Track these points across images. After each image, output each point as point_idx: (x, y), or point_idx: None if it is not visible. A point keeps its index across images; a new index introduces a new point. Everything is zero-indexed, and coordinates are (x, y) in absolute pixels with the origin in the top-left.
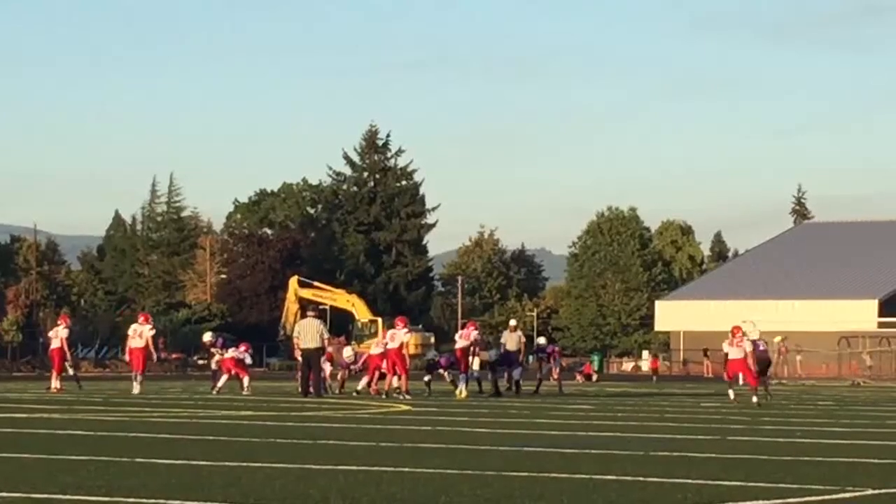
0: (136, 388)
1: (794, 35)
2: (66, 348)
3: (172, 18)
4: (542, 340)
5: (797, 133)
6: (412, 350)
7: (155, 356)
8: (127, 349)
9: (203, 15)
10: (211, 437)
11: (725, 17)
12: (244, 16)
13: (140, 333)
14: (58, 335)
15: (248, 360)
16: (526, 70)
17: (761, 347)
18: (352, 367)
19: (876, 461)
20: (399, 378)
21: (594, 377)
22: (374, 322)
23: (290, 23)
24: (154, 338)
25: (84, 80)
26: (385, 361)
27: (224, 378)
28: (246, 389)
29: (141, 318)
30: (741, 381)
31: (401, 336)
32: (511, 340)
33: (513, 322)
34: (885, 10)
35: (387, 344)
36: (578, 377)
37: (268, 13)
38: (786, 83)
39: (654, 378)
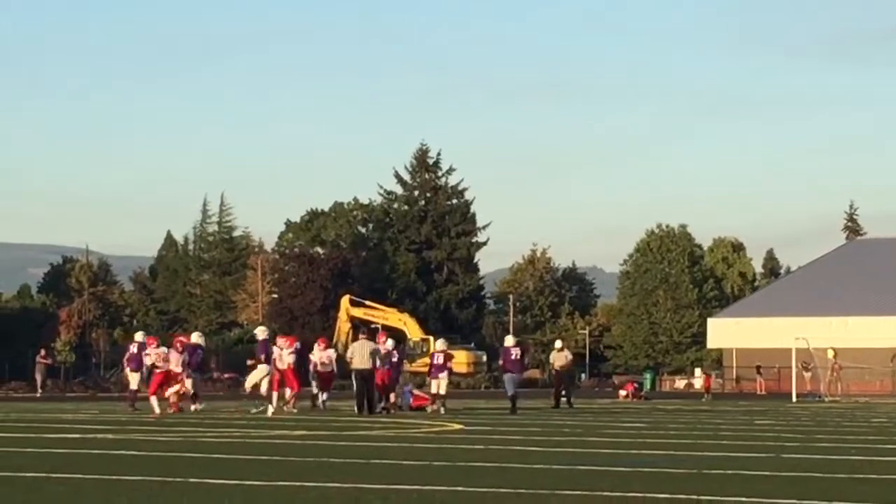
0: None
1: (846, 52)
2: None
3: (223, 40)
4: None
5: (849, 149)
6: (464, 369)
7: None
8: None
9: (254, 37)
10: (264, 457)
11: (776, 34)
12: (295, 37)
13: None
14: (282, 359)
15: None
16: (575, 90)
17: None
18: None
19: None
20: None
21: (640, 397)
22: (425, 341)
23: (340, 43)
24: None
25: (136, 101)
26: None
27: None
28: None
29: None
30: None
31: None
32: (559, 360)
33: (558, 343)
34: None
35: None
36: (622, 396)
37: (319, 34)
38: (839, 99)
39: (706, 396)
